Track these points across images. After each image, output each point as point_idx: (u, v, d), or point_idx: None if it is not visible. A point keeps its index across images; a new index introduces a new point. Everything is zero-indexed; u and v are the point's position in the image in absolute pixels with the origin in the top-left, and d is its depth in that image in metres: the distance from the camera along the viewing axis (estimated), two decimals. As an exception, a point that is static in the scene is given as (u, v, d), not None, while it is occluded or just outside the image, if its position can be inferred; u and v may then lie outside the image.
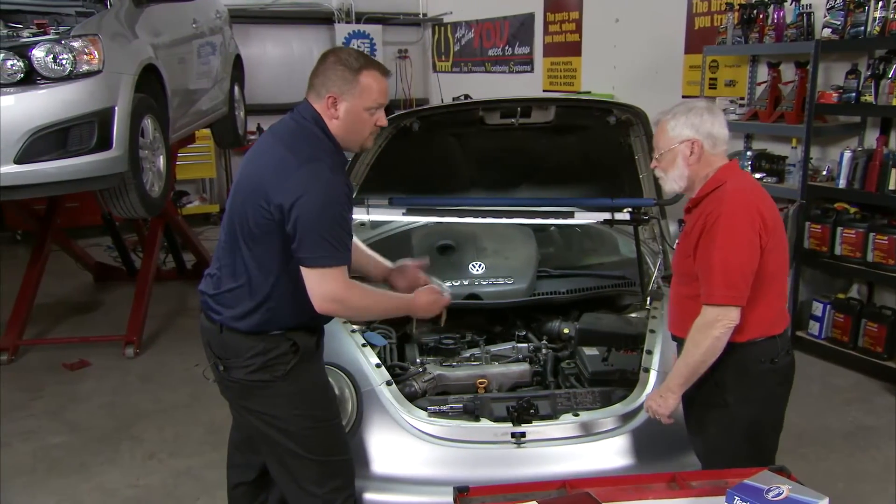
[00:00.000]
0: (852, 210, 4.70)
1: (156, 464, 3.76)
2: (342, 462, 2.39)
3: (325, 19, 9.81)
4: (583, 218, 3.35)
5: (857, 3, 4.47)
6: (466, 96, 9.53)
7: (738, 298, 2.17)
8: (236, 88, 6.72)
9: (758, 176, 5.29)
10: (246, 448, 2.59)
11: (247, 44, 9.29)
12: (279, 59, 9.80)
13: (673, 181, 2.34)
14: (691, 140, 2.28)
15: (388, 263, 2.68)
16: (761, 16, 5.25)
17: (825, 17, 4.73)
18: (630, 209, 3.22)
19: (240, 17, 9.04)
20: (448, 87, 9.92)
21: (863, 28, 4.47)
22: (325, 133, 2.20)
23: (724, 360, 2.24)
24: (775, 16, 5.16)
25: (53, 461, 3.78)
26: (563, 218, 3.34)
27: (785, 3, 5.13)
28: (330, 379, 2.68)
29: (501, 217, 3.37)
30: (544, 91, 8.38)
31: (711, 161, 2.30)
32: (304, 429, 2.29)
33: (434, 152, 3.42)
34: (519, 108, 3.10)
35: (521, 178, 3.56)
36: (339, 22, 9.78)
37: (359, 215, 3.24)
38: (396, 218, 3.51)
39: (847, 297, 4.84)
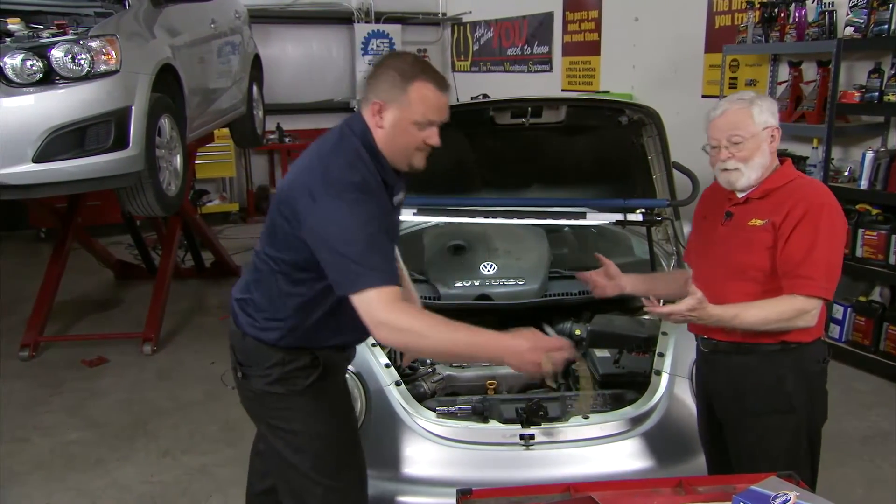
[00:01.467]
0: (874, 212, 4.62)
1: (170, 461, 3.79)
2: (353, 484, 2.28)
3: (344, 19, 9.85)
4: (595, 219, 3.32)
5: (881, 1, 4.40)
6: (485, 96, 9.52)
7: (831, 293, 2.15)
8: (255, 88, 6.77)
9: (778, 176, 5.22)
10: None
11: (267, 44, 9.35)
12: (299, 59, 9.87)
13: (753, 170, 2.19)
14: (773, 127, 2.20)
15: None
16: (782, 14, 5.18)
17: (848, 15, 4.66)
18: (643, 210, 3.19)
19: (260, 17, 9.10)
20: (467, 87, 9.90)
21: (886, 26, 4.40)
22: (368, 148, 2.02)
23: (788, 363, 2.20)
24: (797, 14, 5.09)
25: (70, 457, 3.82)
26: (575, 219, 3.31)
27: (806, 2, 5.06)
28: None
29: (513, 217, 3.35)
30: (563, 91, 8.34)
31: (775, 152, 2.25)
32: (318, 448, 2.18)
33: (445, 152, 3.37)
34: (529, 108, 3.08)
35: (532, 178, 3.53)
36: (358, 21, 9.82)
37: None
38: (407, 218, 3.50)
39: (869, 300, 4.76)
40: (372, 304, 1.88)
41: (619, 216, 3.22)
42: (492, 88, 9.26)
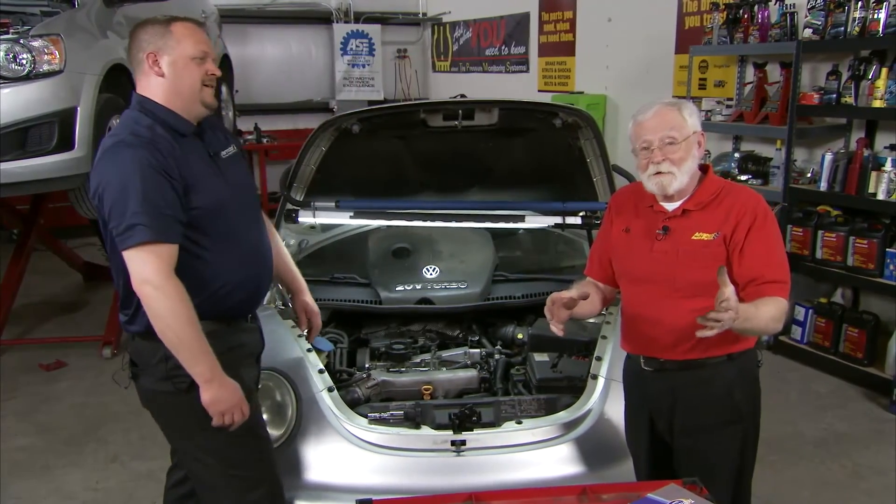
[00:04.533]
0: (834, 213, 4.61)
1: (118, 467, 3.74)
2: (262, 474, 2.27)
3: (323, 19, 9.81)
4: (534, 222, 3.28)
5: (838, 4, 4.39)
6: (462, 96, 9.49)
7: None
8: (224, 89, 6.71)
9: (743, 178, 5.23)
10: None
11: (245, 43, 9.32)
12: (277, 59, 9.82)
13: (685, 174, 2.11)
14: (700, 132, 2.14)
15: (301, 284, 2.61)
16: (746, 15, 5.18)
17: (806, 17, 4.65)
18: (583, 213, 3.15)
19: (238, 16, 9.07)
20: (446, 88, 9.88)
21: (843, 28, 4.38)
22: (145, 111, 2.08)
23: (734, 372, 2.16)
24: (760, 16, 5.08)
25: (16, 463, 3.76)
26: (514, 222, 3.27)
27: (769, 3, 5.05)
28: (271, 384, 2.66)
29: (451, 221, 3.31)
30: (539, 91, 8.32)
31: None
32: (219, 442, 2.16)
33: (381, 154, 3.38)
34: (461, 111, 3.05)
35: (472, 180, 3.50)
36: (337, 21, 9.78)
37: (305, 218, 3.20)
38: (344, 221, 3.47)
39: (829, 301, 4.74)
40: (143, 262, 1.95)
41: (559, 219, 3.18)
42: (470, 89, 9.23)
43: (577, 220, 3.17)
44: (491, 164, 3.44)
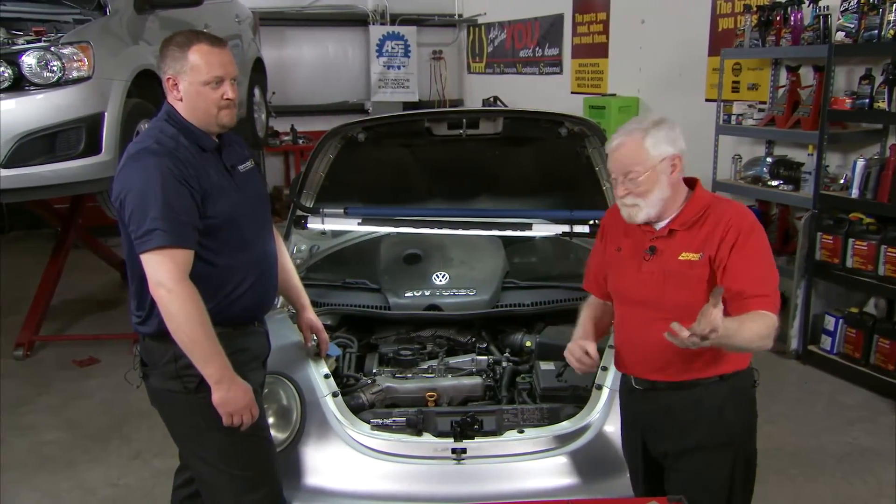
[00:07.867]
0: (866, 221, 4.48)
1: (139, 463, 3.83)
2: (264, 475, 2.33)
3: (360, 21, 9.90)
4: (541, 230, 3.25)
5: (871, 6, 4.26)
6: (496, 98, 9.49)
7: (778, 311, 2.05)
8: (256, 91, 6.81)
9: (775, 183, 5.13)
10: None
11: (282, 46, 9.47)
12: (314, 61, 9.95)
13: (652, 206, 2.07)
14: (672, 156, 2.06)
15: (305, 301, 2.71)
16: (779, 18, 5.07)
17: (839, 19, 4.53)
18: (591, 221, 3.12)
19: (276, 19, 9.21)
20: (481, 89, 9.88)
21: (877, 31, 4.26)
22: (174, 123, 2.17)
23: (726, 393, 2.12)
24: (793, 18, 4.98)
25: (43, 458, 3.88)
26: (521, 230, 3.25)
27: (802, 5, 4.94)
28: (277, 388, 2.70)
29: (458, 228, 3.31)
30: (572, 93, 8.27)
31: (680, 181, 2.12)
32: (221, 440, 2.24)
33: (388, 162, 3.40)
34: (465, 120, 3.04)
35: (479, 188, 3.49)
36: (373, 23, 9.86)
37: (314, 224, 3.23)
38: (352, 228, 3.49)
39: (861, 311, 4.61)
40: (161, 263, 2.05)
41: (566, 227, 3.15)
42: (504, 91, 9.23)
43: (585, 229, 3.14)
44: (498, 172, 3.44)
